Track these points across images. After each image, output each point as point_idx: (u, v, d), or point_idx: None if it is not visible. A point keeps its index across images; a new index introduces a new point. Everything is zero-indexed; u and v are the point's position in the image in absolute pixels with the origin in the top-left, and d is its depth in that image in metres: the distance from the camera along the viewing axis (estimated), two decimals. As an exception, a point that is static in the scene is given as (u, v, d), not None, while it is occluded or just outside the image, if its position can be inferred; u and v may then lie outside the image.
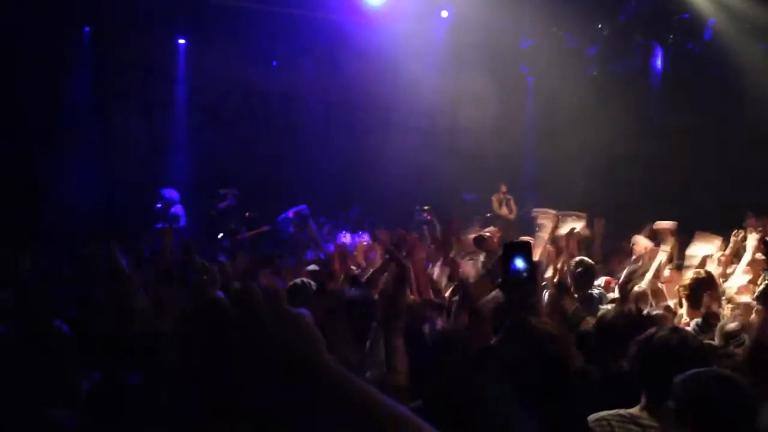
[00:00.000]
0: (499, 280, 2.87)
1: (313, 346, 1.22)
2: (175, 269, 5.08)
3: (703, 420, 2.45)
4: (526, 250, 2.53)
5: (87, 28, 12.38)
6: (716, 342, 3.82)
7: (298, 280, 5.20)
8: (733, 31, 11.73)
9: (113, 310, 3.98)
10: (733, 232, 6.30)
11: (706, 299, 4.62)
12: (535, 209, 6.38)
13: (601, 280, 6.11)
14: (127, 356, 3.22)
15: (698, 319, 4.26)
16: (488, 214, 13.51)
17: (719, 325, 4.05)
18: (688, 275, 5.02)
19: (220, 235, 11.26)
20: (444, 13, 13.11)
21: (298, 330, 1.21)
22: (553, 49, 13.35)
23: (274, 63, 13.42)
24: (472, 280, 4.14)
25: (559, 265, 5.31)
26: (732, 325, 3.92)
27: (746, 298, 4.94)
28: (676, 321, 4.68)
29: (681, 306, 4.91)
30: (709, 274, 5.01)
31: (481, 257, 5.92)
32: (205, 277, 4.84)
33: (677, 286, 5.08)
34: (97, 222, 10.58)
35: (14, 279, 5.80)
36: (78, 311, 4.12)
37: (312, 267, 6.61)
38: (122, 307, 3.97)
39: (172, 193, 11.54)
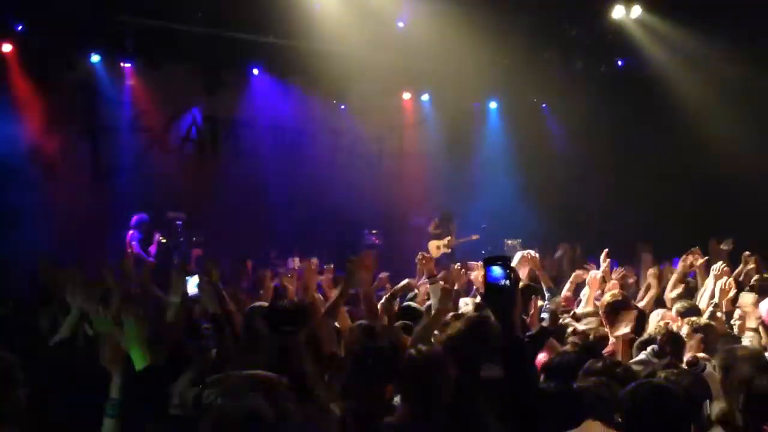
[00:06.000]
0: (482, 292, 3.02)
1: None
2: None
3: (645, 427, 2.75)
4: (504, 261, 2.60)
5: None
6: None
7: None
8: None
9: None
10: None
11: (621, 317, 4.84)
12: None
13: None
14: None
15: (654, 346, 4.42)
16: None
17: None
18: (606, 297, 5.23)
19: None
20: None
21: None
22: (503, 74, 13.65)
23: (220, 85, 13.24)
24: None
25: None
26: None
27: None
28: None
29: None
30: (623, 296, 5.24)
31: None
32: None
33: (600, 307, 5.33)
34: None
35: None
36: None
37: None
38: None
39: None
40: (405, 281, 6.27)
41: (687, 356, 4.39)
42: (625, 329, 4.82)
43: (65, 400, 3.67)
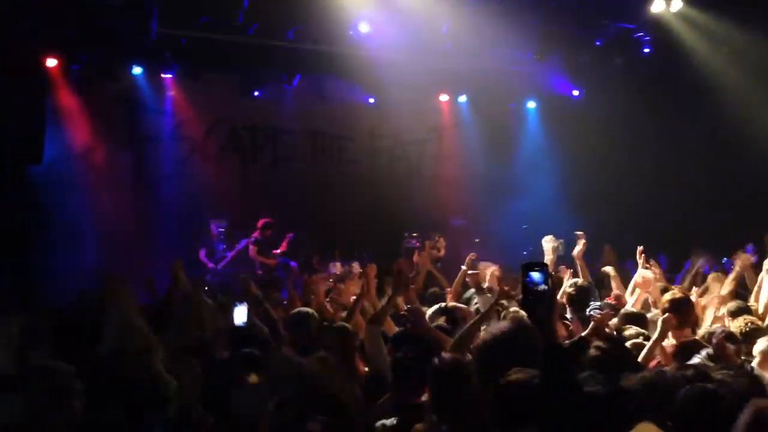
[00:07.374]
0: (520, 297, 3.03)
1: None
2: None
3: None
4: (542, 267, 2.64)
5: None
6: None
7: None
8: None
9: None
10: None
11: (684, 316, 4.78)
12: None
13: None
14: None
15: (709, 350, 4.35)
16: (477, 240, 13.66)
17: None
18: (666, 296, 5.15)
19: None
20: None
21: None
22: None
23: (258, 93, 13.39)
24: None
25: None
26: None
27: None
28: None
29: None
30: (685, 295, 5.15)
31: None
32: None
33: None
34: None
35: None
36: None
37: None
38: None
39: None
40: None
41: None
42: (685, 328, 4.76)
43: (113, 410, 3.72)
